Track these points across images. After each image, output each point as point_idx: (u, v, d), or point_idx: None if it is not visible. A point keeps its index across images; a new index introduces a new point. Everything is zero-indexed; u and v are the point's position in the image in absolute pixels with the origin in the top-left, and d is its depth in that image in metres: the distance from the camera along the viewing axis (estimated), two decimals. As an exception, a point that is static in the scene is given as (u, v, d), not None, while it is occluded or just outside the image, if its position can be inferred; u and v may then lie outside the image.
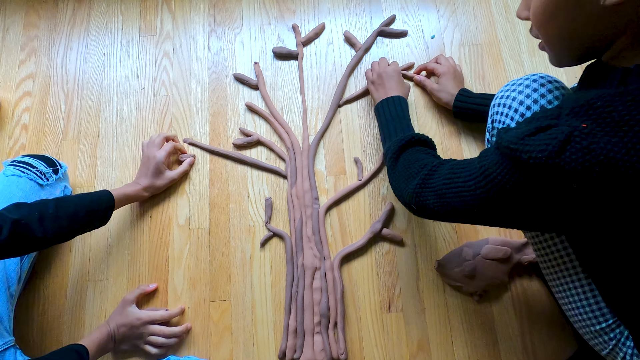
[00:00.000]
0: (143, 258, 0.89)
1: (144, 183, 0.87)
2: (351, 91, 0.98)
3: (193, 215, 0.91)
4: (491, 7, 1.03)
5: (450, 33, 1.01)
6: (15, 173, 0.78)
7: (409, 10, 1.04)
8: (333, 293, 0.83)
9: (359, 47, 1.00)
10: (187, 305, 0.85)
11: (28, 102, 1.02)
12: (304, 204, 0.88)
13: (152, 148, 0.88)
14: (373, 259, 0.86)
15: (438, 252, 0.86)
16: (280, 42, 1.03)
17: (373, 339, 0.82)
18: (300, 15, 1.05)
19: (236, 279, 0.86)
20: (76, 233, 0.72)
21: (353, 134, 0.95)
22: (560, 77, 0.96)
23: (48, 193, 0.81)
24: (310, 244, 0.86)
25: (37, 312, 0.86)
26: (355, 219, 0.89)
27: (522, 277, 0.83)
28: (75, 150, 0.97)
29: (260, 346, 0.82)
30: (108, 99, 1.01)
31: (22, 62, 1.05)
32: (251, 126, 0.97)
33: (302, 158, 0.92)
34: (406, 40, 1.01)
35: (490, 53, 0.99)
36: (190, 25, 1.06)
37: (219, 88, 1.00)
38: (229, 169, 0.94)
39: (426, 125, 0.94)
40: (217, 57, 1.03)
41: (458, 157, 0.92)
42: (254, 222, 0.90)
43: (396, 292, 0.84)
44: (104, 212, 0.75)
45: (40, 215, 0.65)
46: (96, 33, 1.07)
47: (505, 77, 0.97)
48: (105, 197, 0.77)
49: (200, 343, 0.83)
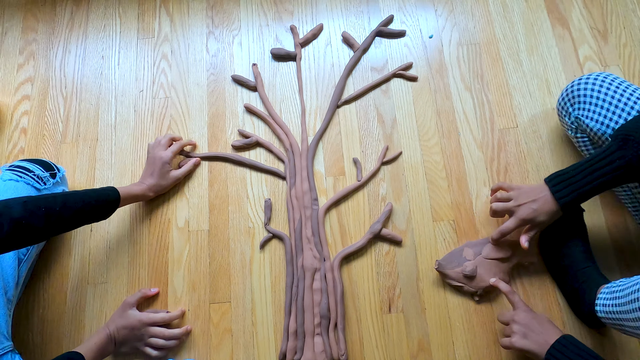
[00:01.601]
0: (143, 260, 0.89)
1: (149, 182, 0.87)
2: (350, 92, 0.98)
3: (192, 217, 0.91)
4: (489, 6, 1.03)
5: (449, 32, 1.01)
6: (13, 178, 0.78)
7: (407, 10, 1.04)
8: (333, 294, 0.83)
9: (357, 48, 1.00)
10: (187, 307, 0.85)
11: (27, 105, 1.02)
12: (303, 205, 0.88)
13: (158, 148, 0.89)
14: (373, 260, 0.86)
15: (438, 252, 0.85)
16: (279, 44, 1.03)
17: (373, 340, 0.81)
18: (298, 17, 1.05)
19: (236, 281, 0.86)
20: (78, 226, 0.73)
21: (352, 135, 0.95)
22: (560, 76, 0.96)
23: None
24: (310, 245, 0.86)
25: (37, 317, 0.86)
26: (355, 220, 0.89)
27: (523, 277, 0.83)
28: (74, 154, 0.97)
29: (260, 348, 0.82)
30: (107, 102, 1.01)
31: (20, 66, 1.05)
32: (250, 128, 0.97)
33: (301, 159, 0.92)
34: (404, 40, 1.01)
35: (489, 52, 0.99)
36: (188, 27, 1.06)
37: (217, 90, 1.00)
38: (228, 171, 0.94)
39: (425, 124, 0.94)
40: (215, 59, 1.03)
41: (457, 155, 0.91)
42: (254, 223, 0.90)
43: (396, 293, 0.84)
44: (108, 206, 0.76)
45: (47, 211, 0.65)
46: (94, 36, 1.07)
47: (504, 76, 0.97)
48: (112, 194, 0.78)
49: (200, 345, 0.83)
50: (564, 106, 0.79)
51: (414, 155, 0.92)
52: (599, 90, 0.74)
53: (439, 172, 0.91)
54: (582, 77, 0.77)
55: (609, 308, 0.63)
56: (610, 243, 0.84)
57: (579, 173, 0.67)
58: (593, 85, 0.75)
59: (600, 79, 0.75)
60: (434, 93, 0.96)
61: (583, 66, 0.96)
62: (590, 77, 0.76)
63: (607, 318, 0.65)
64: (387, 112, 0.96)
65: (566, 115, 0.79)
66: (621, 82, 0.75)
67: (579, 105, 0.76)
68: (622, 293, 0.61)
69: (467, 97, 0.96)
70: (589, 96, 0.75)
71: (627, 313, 0.58)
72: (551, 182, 0.69)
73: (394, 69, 0.98)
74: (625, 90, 0.73)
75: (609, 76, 0.75)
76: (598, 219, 0.85)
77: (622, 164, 0.62)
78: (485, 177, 0.90)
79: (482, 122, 0.94)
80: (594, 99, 0.74)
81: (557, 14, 1.01)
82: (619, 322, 0.61)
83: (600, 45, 0.97)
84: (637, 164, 0.61)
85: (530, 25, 1.00)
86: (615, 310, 0.62)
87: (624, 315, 0.60)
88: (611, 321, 0.64)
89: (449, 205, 0.89)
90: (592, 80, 0.76)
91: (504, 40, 1.00)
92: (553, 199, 0.69)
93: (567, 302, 0.80)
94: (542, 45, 0.98)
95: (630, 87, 0.74)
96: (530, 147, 0.91)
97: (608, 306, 0.64)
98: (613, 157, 0.63)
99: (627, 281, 0.61)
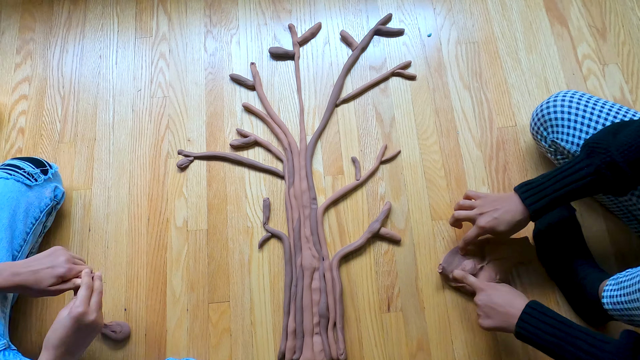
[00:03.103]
0: (141, 260, 0.88)
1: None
2: (348, 91, 0.98)
3: (191, 216, 0.91)
4: (487, 4, 1.03)
5: (447, 31, 1.01)
6: (3, 176, 0.79)
7: (405, 8, 1.04)
8: (332, 293, 0.82)
9: (356, 47, 1.00)
10: (186, 307, 0.85)
11: (24, 105, 1.01)
12: (302, 204, 0.88)
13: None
14: (372, 259, 0.86)
15: (437, 251, 0.85)
16: (277, 42, 1.03)
17: (372, 339, 0.81)
18: (296, 15, 1.04)
19: (235, 281, 0.86)
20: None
21: (350, 134, 0.95)
22: (560, 79, 0.96)
23: (37, 193, 0.82)
24: (309, 244, 0.86)
25: (35, 316, 0.85)
26: (354, 219, 0.89)
27: (523, 277, 0.83)
28: (72, 153, 0.97)
29: (259, 347, 0.82)
30: (104, 101, 1.01)
31: (18, 65, 1.05)
32: (248, 127, 0.96)
33: (300, 158, 0.92)
34: (403, 39, 1.01)
35: (487, 51, 0.99)
36: (186, 26, 1.05)
37: (215, 89, 1.00)
38: (226, 170, 0.94)
39: (423, 123, 0.94)
40: (214, 58, 1.02)
41: (456, 154, 0.91)
42: (252, 223, 0.90)
43: (395, 292, 0.84)
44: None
45: None
46: (92, 35, 1.06)
47: (503, 75, 0.97)
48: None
49: (199, 345, 0.83)
50: (539, 130, 0.79)
51: (413, 154, 0.92)
52: (568, 112, 0.74)
53: (437, 171, 0.91)
54: (550, 99, 0.77)
55: (616, 299, 0.63)
56: (611, 247, 0.84)
57: (548, 181, 0.66)
58: (562, 107, 0.75)
59: (568, 98, 0.75)
60: (432, 92, 0.96)
61: (582, 64, 0.96)
62: (558, 97, 0.76)
63: (614, 310, 0.64)
64: (385, 111, 0.96)
65: (542, 139, 0.79)
66: (589, 98, 0.75)
67: (552, 129, 0.76)
68: (630, 282, 0.60)
69: (465, 95, 0.96)
70: (559, 118, 0.75)
71: (636, 301, 0.58)
72: (521, 190, 0.69)
73: (392, 67, 0.98)
74: (594, 107, 0.73)
75: (576, 94, 0.75)
76: (598, 225, 0.85)
77: (590, 171, 0.63)
78: (484, 176, 0.90)
79: (480, 121, 0.94)
80: (565, 121, 0.74)
81: (556, 12, 1.01)
82: (628, 312, 0.61)
83: (599, 44, 0.97)
84: (605, 170, 0.62)
85: (529, 24, 1.00)
86: (624, 301, 0.62)
87: (633, 304, 0.59)
88: (619, 312, 0.64)
89: (448, 204, 0.88)
90: (559, 101, 0.75)
91: (503, 38, 1.00)
92: (520, 207, 0.68)
93: (567, 301, 0.80)
94: (541, 44, 0.98)
95: (599, 102, 0.74)
96: (529, 145, 0.91)
97: (616, 297, 0.64)
98: (581, 164, 0.64)
99: (633, 271, 0.61)
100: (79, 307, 0.63)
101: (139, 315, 0.85)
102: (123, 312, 0.85)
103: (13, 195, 0.78)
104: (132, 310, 0.85)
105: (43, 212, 0.83)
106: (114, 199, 0.93)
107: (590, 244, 0.81)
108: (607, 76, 0.95)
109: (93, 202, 0.93)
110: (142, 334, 0.84)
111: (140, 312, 0.85)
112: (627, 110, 0.72)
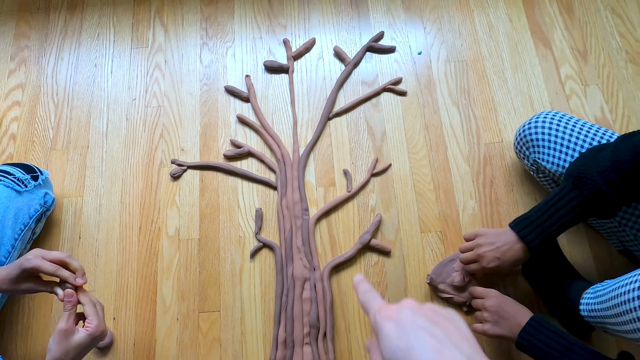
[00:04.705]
0: (131, 269, 0.88)
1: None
2: (341, 104, 1.00)
3: (183, 226, 0.91)
4: (475, 25, 1.07)
5: (437, 49, 1.04)
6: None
7: (397, 27, 1.07)
8: (322, 303, 0.83)
9: (349, 62, 1.03)
10: (176, 316, 0.85)
11: (17, 111, 1.01)
12: (294, 215, 0.89)
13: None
14: (362, 270, 0.87)
15: (426, 263, 0.87)
16: (272, 56, 1.05)
17: (362, 350, 0.82)
18: (291, 30, 1.07)
19: (226, 290, 0.86)
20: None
21: (342, 146, 0.97)
22: (544, 94, 1.00)
23: (26, 199, 0.81)
24: (300, 254, 0.87)
25: (22, 325, 0.84)
26: (345, 230, 0.90)
27: (511, 286, 0.85)
28: (64, 160, 0.97)
29: (249, 357, 0.82)
30: (99, 110, 1.01)
31: (11, 72, 1.05)
32: (242, 138, 0.98)
33: (292, 169, 0.94)
34: (394, 55, 1.04)
35: (475, 69, 1.02)
36: (182, 37, 1.07)
37: (210, 100, 1.01)
38: (219, 180, 0.94)
39: (413, 138, 0.97)
40: (209, 69, 1.04)
41: (444, 168, 0.94)
42: (244, 232, 0.90)
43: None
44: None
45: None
46: (88, 44, 1.07)
47: (490, 93, 1.00)
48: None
49: (188, 355, 0.82)
50: (521, 150, 0.82)
51: (403, 167, 0.94)
52: (549, 133, 0.77)
53: (427, 184, 0.93)
54: (532, 120, 0.80)
55: (591, 307, 0.66)
56: (592, 260, 0.86)
57: (542, 215, 0.68)
58: (542, 128, 0.78)
59: (549, 119, 0.78)
60: (422, 107, 0.99)
61: (564, 84, 1.00)
62: (540, 118, 0.79)
63: (589, 317, 0.67)
64: (377, 125, 0.98)
65: (525, 158, 0.82)
66: (569, 118, 0.78)
67: (534, 149, 0.79)
68: (604, 291, 0.63)
69: (454, 112, 0.99)
70: (540, 139, 0.77)
71: (608, 310, 0.61)
72: (517, 227, 0.70)
73: (384, 83, 1.01)
74: (573, 128, 0.76)
75: (556, 115, 0.78)
76: (580, 240, 0.88)
77: (580, 201, 0.65)
78: (471, 190, 0.92)
79: (468, 137, 0.97)
80: (545, 142, 0.77)
81: (540, 34, 1.05)
82: (601, 320, 0.64)
83: (581, 65, 1.02)
84: (594, 199, 0.64)
85: (514, 45, 1.04)
86: (597, 308, 0.64)
87: (605, 312, 0.62)
88: (593, 320, 0.66)
89: (437, 216, 0.91)
90: (540, 122, 0.78)
91: (490, 58, 1.03)
92: (520, 243, 0.69)
93: (551, 313, 0.81)
94: (526, 64, 1.02)
95: (578, 122, 0.77)
96: (514, 161, 0.94)
97: (591, 305, 0.66)
98: (570, 196, 0.66)
99: (611, 282, 0.64)
100: (100, 326, 0.63)
101: (128, 324, 0.84)
102: (112, 321, 0.85)
103: (2, 201, 0.78)
104: (121, 319, 0.85)
105: (32, 218, 0.82)
106: (105, 206, 0.93)
107: (573, 258, 0.83)
108: (589, 96, 0.99)
109: (84, 210, 0.92)
110: (131, 344, 0.83)
111: (130, 322, 0.85)
112: (605, 130, 0.75)
